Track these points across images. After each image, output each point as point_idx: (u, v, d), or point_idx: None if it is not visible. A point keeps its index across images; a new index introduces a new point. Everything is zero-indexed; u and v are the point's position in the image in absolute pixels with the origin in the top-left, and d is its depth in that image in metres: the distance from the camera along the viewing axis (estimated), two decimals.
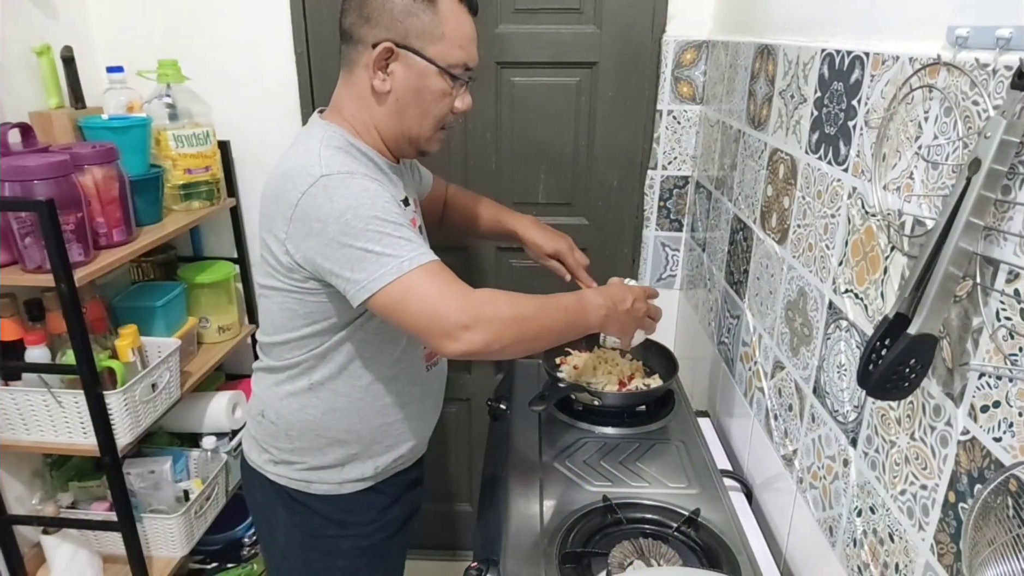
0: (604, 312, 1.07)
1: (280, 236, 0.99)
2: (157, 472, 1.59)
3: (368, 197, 0.95)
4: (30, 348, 1.35)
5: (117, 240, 1.41)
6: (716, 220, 1.52)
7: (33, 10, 1.52)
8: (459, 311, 0.92)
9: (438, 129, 1.09)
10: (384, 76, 1.02)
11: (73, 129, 1.53)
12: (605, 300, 1.08)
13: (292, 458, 1.16)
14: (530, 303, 0.99)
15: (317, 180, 0.94)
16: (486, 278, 1.89)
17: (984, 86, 0.64)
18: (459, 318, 0.92)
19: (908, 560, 0.76)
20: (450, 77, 1.03)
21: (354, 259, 0.93)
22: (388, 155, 1.10)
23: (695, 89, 1.69)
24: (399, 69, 1.01)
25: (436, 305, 0.93)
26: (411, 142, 1.09)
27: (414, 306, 0.93)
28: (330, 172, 0.95)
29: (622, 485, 1.17)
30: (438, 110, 1.05)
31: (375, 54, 0.99)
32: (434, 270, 0.94)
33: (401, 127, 1.06)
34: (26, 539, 1.59)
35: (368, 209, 0.93)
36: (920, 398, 0.74)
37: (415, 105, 1.04)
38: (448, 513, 2.19)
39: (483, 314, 0.93)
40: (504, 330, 0.94)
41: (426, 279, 0.93)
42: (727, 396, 1.42)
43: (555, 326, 1.02)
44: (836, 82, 0.95)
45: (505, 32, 1.67)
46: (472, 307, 0.93)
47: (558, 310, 1.02)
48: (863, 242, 0.87)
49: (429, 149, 1.11)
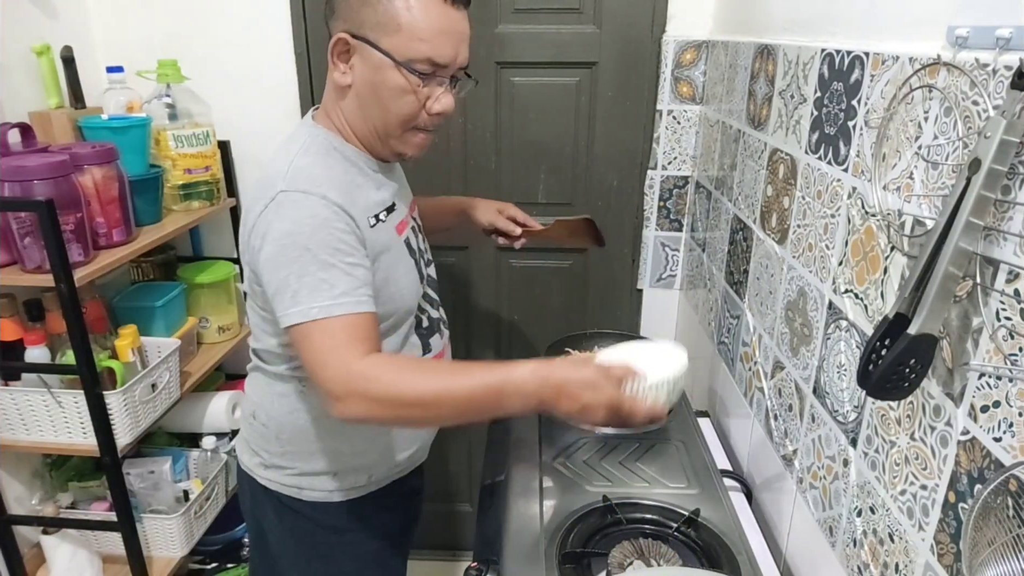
0: (535, 403, 0.89)
1: (244, 238, 0.98)
2: (157, 472, 1.59)
3: (311, 226, 0.90)
4: (30, 348, 1.35)
5: (117, 240, 1.41)
6: (716, 220, 1.52)
7: (33, 10, 1.52)
8: (332, 380, 0.88)
9: (408, 130, 1.01)
10: (345, 68, 0.97)
11: (73, 129, 1.53)
12: (540, 386, 0.88)
13: (283, 463, 1.12)
14: (423, 385, 0.89)
15: (275, 196, 0.92)
16: (486, 278, 1.89)
17: (984, 86, 0.64)
18: (331, 387, 0.88)
19: (908, 560, 0.76)
20: (411, 73, 0.94)
21: (276, 287, 0.91)
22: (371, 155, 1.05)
23: (695, 89, 1.69)
24: (357, 61, 0.96)
25: (315, 367, 0.90)
26: (381, 141, 1.02)
27: (305, 357, 0.91)
28: (288, 188, 0.92)
29: (622, 485, 1.17)
30: (399, 108, 0.97)
31: (331, 44, 0.96)
32: (333, 328, 0.89)
33: (366, 124, 1.01)
34: (26, 539, 1.59)
35: (305, 239, 0.90)
36: (920, 398, 0.74)
37: (374, 101, 0.98)
38: (448, 513, 2.19)
39: (356, 390, 0.88)
40: (377, 410, 0.89)
41: (320, 335, 0.89)
42: (727, 396, 1.42)
43: (450, 414, 0.93)
44: (836, 82, 0.95)
45: (505, 32, 1.67)
46: (347, 380, 0.88)
47: (462, 397, 0.90)
48: (863, 242, 0.87)
49: (402, 151, 1.04)
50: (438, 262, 1.54)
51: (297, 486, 1.13)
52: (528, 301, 1.91)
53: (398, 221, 1.08)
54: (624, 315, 1.90)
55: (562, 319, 1.90)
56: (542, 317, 1.92)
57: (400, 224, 1.08)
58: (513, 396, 0.89)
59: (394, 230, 1.06)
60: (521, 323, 1.94)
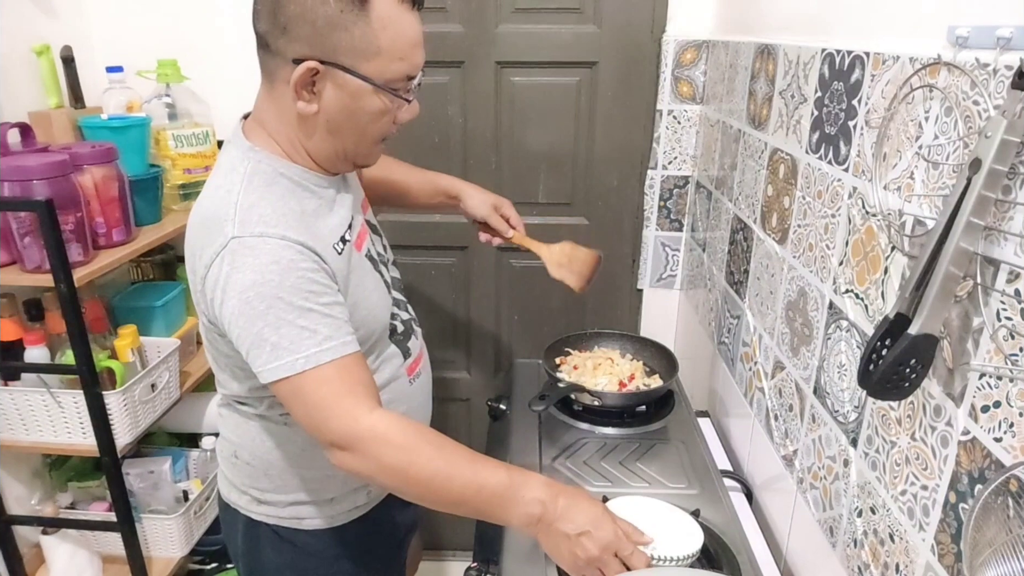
0: (538, 514, 0.85)
1: (197, 287, 0.90)
2: (156, 472, 1.59)
3: (276, 272, 0.83)
4: (29, 348, 1.35)
5: (116, 240, 1.41)
6: (716, 220, 1.52)
7: (33, 10, 1.52)
8: (337, 432, 0.84)
9: (378, 144, 0.96)
10: (310, 96, 0.86)
11: (72, 129, 1.53)
12: (546, 500, 0.85)
13: (276, 497, 1.05)
14: (431, 463, 0.84)
15: (227, 244, 0.84)
16: (486, 278, 1.89)
17: (984, 86, 0.64)
18: (336, 439, 0.84)
19: (908, 560, 0.76)
20: (392, 94, 0.88)
21: (250, 342, 0.84)
22: (321, 171, 0.96)
23: (695, 89, 1.69)
24: (328, 88, 0.86)
25: (316, 419, 0.84)
26: (344, 160, 0.95)
27: (296, 410, 0.86)
28: (241, 234, 0.84)
29: (622, 485, 1.17)
30: (376, 130, 0.92)
31: (297, 75, 0.83)
32: (326, 376, 0.83)
33: (334, 147, 0.92)
34: (25, 539, 1.59)
35: (273, 288, 0.82)
36: (920, 398, 0.74)
37: (349, 127, 0.90)
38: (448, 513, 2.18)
39: (364, 448, 0.84)
40: (379, 474, 0.85)
41: (315, 386, 0.83)
42: (727, 396, 1.42)
43: (448, 499, 0.87)
44: (836, 82, 0.95)
45: (505, 32, 1.67)
46: (356, 436, 0.83)
47: (466, 486, 0.85)
48: (863, 242, 0.87)
49: (367, 163, 0.99)
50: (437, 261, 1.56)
51: (296, 516, 1.06)
52: (528, 301, 1.91)
53: (357, 235, 1.01)
54: (624, 315, 1.91)
55: (562, 319, 1.90)
56: (542, 317, 1.92)
57: (359, 237, 1.01)
58: (518, 503, 0.86)
59: (355, 247, 0.99)
60: (521, 323, 1.94)
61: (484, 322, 1.95)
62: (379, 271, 1.05)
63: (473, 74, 1.70)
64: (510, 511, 0.86)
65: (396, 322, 1.08)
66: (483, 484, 0.85)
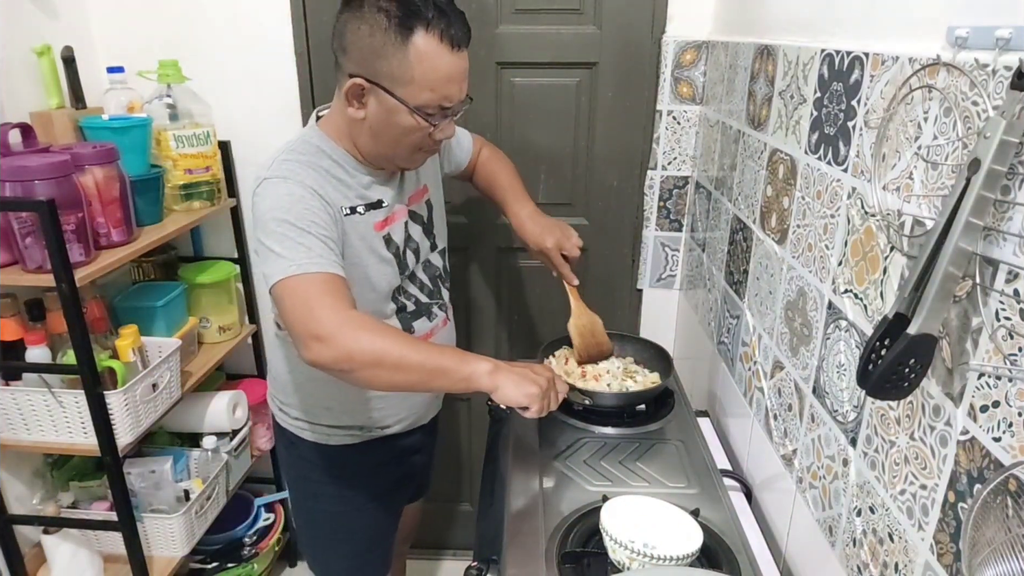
0: (494, 365, 1.02)
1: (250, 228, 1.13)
2: (158, 472, 1.59)
3: (288, 201, 1.02)
4: (31, 348, 1.35)
5: (118, 240, 1.42)
6: (716, 220, 1.53)
7: (33, 10, 1.52)
8: (318, 322, 0.95)
9: (416, 152, 1.13)
10: (358, 105, 1.07)
11: (74, 129, 1.54)
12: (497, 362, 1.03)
13: (290, 410, 1.30)
14: (400, 345, 0.98)
15: (261, 182, 1.06)
16: (486, 278, 1.90)
17: (984, 86, 0.64)
18: (316, 328, 0.95)
19: (908, 560, 0.76)
20: (422, 117, 1.06)
21: (263, 254, 1.02)
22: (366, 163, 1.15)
23: (695, 89, 1.69)
24: (372, 102, 1.06)
25: (301, 311, 0.97)
26: (387, 160, 1.15)
27: (286, 306, 0.99)
28: (270, 176, 1.06)
29: (622, 485, 1.17)
30: (411, 141, 1.10)
31: (347, 87, 1.05)
32: (315, 281, 0.98)
33: (376, 149, 1.12)
34: (27, 539, 1.59)
35: (283, 212, 1.01)
36: (920, 398, 0.74)
37: (387, 135, 1.09)
38: (448, 513, 2.19)
39: (340, 333, 0.95)
40: (356, 355, 0.96)
41: (304, 286, 0.98)
42: (727, 396, 1.42)
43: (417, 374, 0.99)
44: (836, 82, 0.95)
45: (505, 32, 1.67)
46: (333, 323, 0.95)
47: (429, 358, 1.00)
48: (863, 242, 0.87)
49: (409, 167, 1.18)
50: None
51: (300, 427, 1.30)
52: (528, 301, 1.91)
53: (382, 218, 1.17)
54: (624, 315, 1.91)
55: (562, 319, 1.89)
56: (542, 317, 1.92)
57: (384, 221, 1.17)
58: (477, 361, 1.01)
59: (372, 226, 1.15)
60: (521, 323, 1.94)
61: (484, 322, 1.95)
62: (396, 253, 1.20)
63: (473, 75, 1.67)
64: (472, 365, 1.00)
65: (407, 300, 1.24)
66: (443, 353, 1.02)
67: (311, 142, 1.12)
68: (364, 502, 1.35)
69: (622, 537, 0.94)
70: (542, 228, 1.35)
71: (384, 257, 1.18)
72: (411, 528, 1.69)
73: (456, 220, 1.41)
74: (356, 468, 1.33)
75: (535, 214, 1.37)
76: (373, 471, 1.34)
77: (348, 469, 1.32)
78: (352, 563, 1.41)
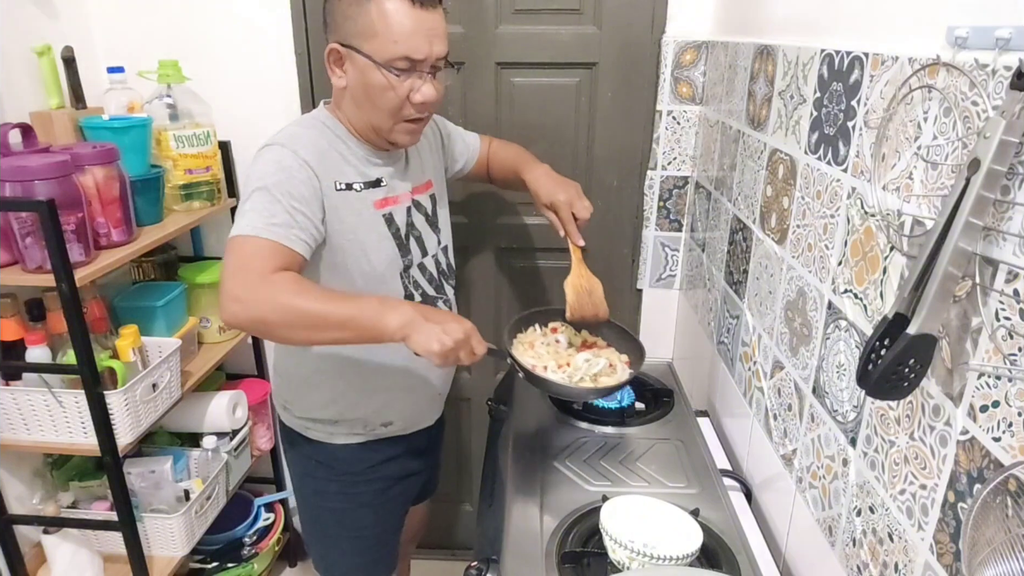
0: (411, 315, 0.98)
1: None
2: (158, 472, 1.59)
3: (274, 168, 1.07)
4: (31, 348, 1.35)
5: (118, 240, 1.42)
6: (716, 220, 1.53)
7: (33, 10, 1.52)
8: (240, 284, 0.98)
9: (399, 121, 1.13)
10: (340, 73, 1.12)
11: (74, 129, 1.54)
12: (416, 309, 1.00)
13: (293, 408, 1.32)
14: (313, 301, 0.98)
15: (261, 148, 1.11)
16: (486, 278, 1.89)
17: (983, 86, 0.64)
18: (235, 290, 0.98)
19: (907, 560, 0.76)
20: (390, 71, 1.07)
21: (237, 212, 1.06)
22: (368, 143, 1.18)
23: (695, 89, 1.69)
24: (348, 66, 1.10)
25: (229, 271, 1.00)
26: (376, 133, 1.15)
27: (225, 262, 1.02)
28: (271, 143, 1.10)
29: (622, 484, 1.17)
30: (387, 103, 1.10)
31: (326, 54, 1.11)
32: (261, 246, 1.00)
33: (362, 119, 1.14)
34: (27, 539, 1.59)
35: (264, 180, 1.05)
36: (919, 398, 0.74)
37: (366, 99, 1.11)
38: (448, 513, 2.19)
39: (256, 294, 0.97)
40: (270, 313, 0.97)
41: (242, 247, 1.01)
42: (726, 396, 1.42)
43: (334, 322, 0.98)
44: (835, 82, 0.95)
45: (505, 33, 1.67)
46: (251, 285, 0.98)
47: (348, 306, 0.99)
48: (862, 242, 0.87)
49: (396, 140, 1.16)
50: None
51: (303, 426, 1.31)
52: (528, 301, 1.91)
53: (381, 196, 1.19)
54: (624, 315, 1.90)
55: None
56: None
57: (384, 200, 1.20)
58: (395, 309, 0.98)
59: (370, 204, 1.18)
60: None
61: (484, 322, 1.95)
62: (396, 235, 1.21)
63: (473, 75, 1.70)
64: (389, 316, 0.98)
65: (414, 291, 1.27)
66: (362, 305, 1.00)
67: (317, 118, 1.18)
68: (368, 500, 1.36)
69: (622, 537, 0.94)
70: (556, 183, 1.35)
71: (383, 234, 1.19)
72: (417, 529, 1.70)
73: (456, 220, 1.41)
74: (360, 466, 1.33)
75: (551, 171, 1.40)
76: (376, 470, 1.34)
77: (352, 467, 1.33)
78: (356, 561, 1.41)
